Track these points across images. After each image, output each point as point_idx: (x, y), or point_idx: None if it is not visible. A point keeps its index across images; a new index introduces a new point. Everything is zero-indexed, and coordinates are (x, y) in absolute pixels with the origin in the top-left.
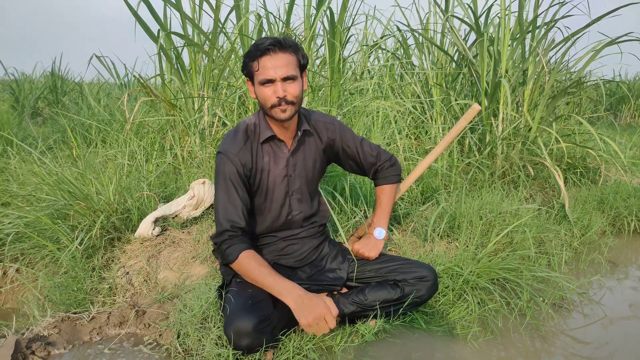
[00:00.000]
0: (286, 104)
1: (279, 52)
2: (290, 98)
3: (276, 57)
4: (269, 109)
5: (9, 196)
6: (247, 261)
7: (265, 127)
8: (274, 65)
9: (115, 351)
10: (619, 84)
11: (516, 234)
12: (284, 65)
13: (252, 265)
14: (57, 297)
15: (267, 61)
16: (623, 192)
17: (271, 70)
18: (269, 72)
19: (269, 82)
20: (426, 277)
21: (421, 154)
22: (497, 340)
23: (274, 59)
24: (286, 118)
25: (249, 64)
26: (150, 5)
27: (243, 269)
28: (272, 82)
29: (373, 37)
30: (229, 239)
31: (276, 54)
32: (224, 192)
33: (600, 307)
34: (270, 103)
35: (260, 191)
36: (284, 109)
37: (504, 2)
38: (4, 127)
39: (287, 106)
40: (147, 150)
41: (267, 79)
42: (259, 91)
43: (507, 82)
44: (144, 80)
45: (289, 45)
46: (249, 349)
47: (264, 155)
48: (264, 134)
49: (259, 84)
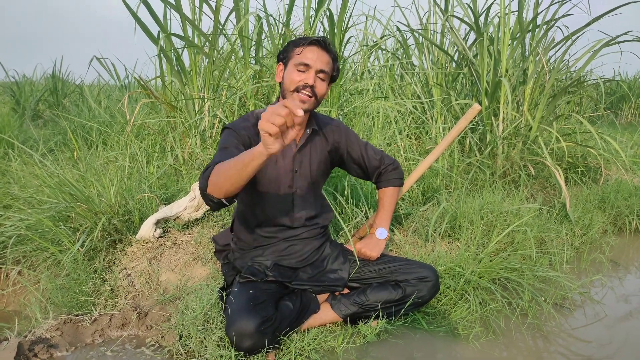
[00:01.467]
0: (310, 94)
1: (324, 50)
2: (317, 90)
3: (320, 52)
4: (290, 93)
5: (11, 199)
6: (220, 165)
7: None
8: (318, 57)
9: (118, 353)
10: (619, 82)
11: (517, 233)
12: (324, 61)
13: (224, 163)
14: (59, 299)
15: (313, 51)
16: (624, 191)
17: (312, 59)
18: (309, 59)
19: (305, 66)
20: (427, 278)
21: (422, 154)
22: (499, 340)
23: (318, 52)
24: (303, 109)
25: (291, 48)
26: (150, 7)
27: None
28: (307, 68)
29: (373, 37)
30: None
31: (322, 50)
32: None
33: (602, 307)
34: (294, 86)
35: (263, 180)
36: (304, 99)
37: (503, 1)
38: (5, 130)
39: (310, 98)
40: (148, 152)
41: (305, 63)
42: (290, 73)
43: (508, 81)
44: (144, 82)
45: (333, 52)
46: (251, 350)
47: None
48: None
49: (294, 65)
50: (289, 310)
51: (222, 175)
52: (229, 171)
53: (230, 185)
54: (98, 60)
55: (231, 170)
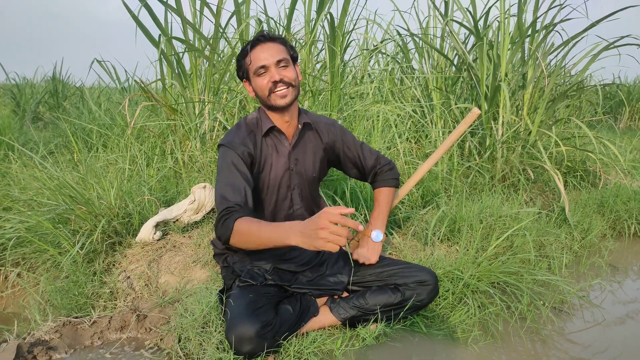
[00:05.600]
0: (284, 86)
1: (268, 42)
2: (288, 80)
3: (266, 47)
4: (268, 98)
5: (11, 201)
6: (242, 224)
7: (266, 120)
8: (266, 54)
9: (117, 355)
10: (618, 87)
11: (516, 237)
12: (275, 52)
13: (246, 226)
14: (59, 301)
15: (258, 52)
16: (623, 196)
17: (263, 58)
18: (261, 60)
19: (263, 68)
20: (427, 281)
21: (421, 157)
22: (498, 344)
23: (264, 48)
24: (287, 103)
25: (242, 63)
26: (151, 10)
27: (240, 233)
28: (266, 68)
29: (373, 41)
30: (225, 214)
31: (265, 43)
32: (223, 175)
33: (601, 311)
34: (267, 90)
35: (262, 184)
36: (283, 93)
37: (503, 5)
38: (5, 132)
39: (287, 90)
40: (148, 154)
41: (261, 65)
42: (256, 83)
43: (507, 85)
44: (144, 85)
45: (277, 37)
46: (251, 355)
47: (267, 147)
48: (265, 125)
49: (254, 75)
50: (289, 314)
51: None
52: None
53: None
54: (99, 63)
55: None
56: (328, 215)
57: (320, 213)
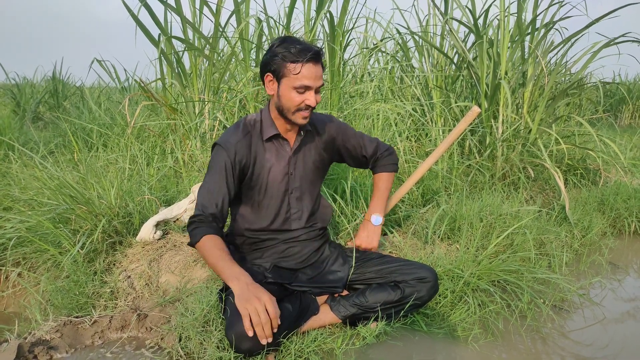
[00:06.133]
0: (311, 109)
1: (319, 63)
2: (315, 105)
3: (317, 68)
4: (292, 112)
5: (11, 200)
6: (206, 244)
7: (269, 125)
8: (315, 76)
9: (117, 355)
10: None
11: (517, 235)
12: (320, 77)
13: (209, 247)
14: (59, 301)
15: (311, 68)
16: (623, 194)
17: (312, 79)
18: (309, 80)
19: (305, 88)
20: (426, 278)
21: (421, 156)
22: (498, 342)
23: (316, 69)
24: (306, 124)
25: (285, 64)
26: (150, 9)
27: (201, 251)
28: (308, 89)
29: (373, 40)
30: (197, 222)
31: (317, 64)
32: (210, 178)
33: (601, 309)
34: (296, 107)
35: (260, 187)
36: (306, 115)
37: (502, 3)
38: (6, 132)
39: (309, 113)
40: (148, 154)
41: (306, 86)
42: (288, 93)
43: (507, 84)
44: (144, 84)
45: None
46: (250, 352)
47: (265, 151)
48: (267, 132)
49: (292, 87)
50: (289, 312)
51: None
52: (210, 264)
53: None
54: (99, 63)
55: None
56: (267, 302)
57: (265, 295)
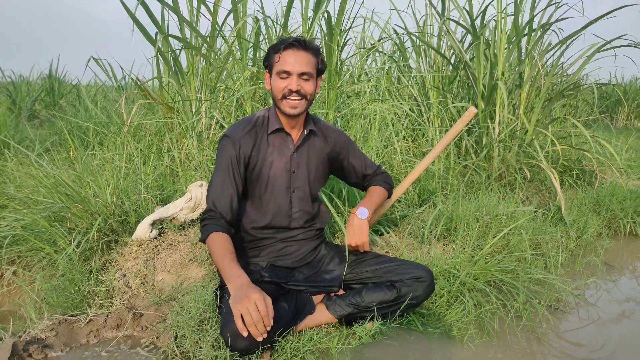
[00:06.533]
0: (298, 97)
1: (302, 50)
2: (304, 92)
3: (298, 54)
4: (280, 100)
5: (6, 199)
6: (214, 241)
7: (274, 120)
8: (296, 61)
9: (113, 354)
10: (614, 87)
11: (512, 236)
12: (304, 63)
13: (216, 245)
14: (54, 299)
15: (289, 55)
16: (619, 195)
17: (290, 64)
18: (287, 64)
19: (286, 73)
20: (422, 278)
21: (418, 156)
22: (494, 342)
23: (295, 55)
24: (296, 114)
25: (271, 55)
26: (148, 8)
27: (209, 247)
28: (289, 75)
29: (370, 39)
30: (208, 218)
31: (299, 50)
32: (220, 173)
33: (596, 309)
34: (281, 94)
35: (261, 181)
36: (294, 104)
37: (499, 4)
38: (1, 130)
39: (299, 102)
40: (145, 152)
41: (285, 70)
42: (274, 82)
43: (504, 84)
44: (141, 83)
45: (312, 47)
46: (246, 351)
47: (268, 145)
48: (272, 125)
49: (276, 74)
50: (284, 311)
51: (210, 253)
52: (212, 255)
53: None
54: (95, 61)
55: (215, 262)
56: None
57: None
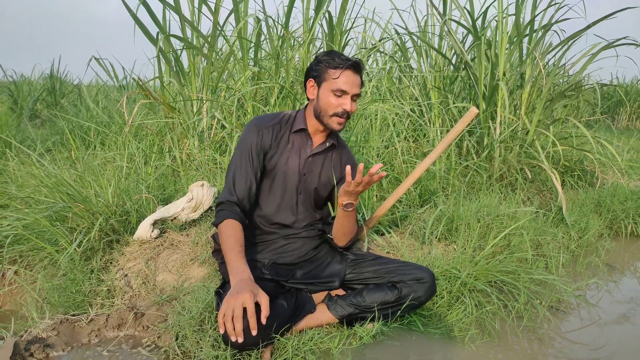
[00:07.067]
0: (347, 118)
1: (358, 73)
2: (351, 113)
3: (356, 76)
4: (328, 116)
5: (8, 198)
6: (226, 228)
7: (300, 120)
8: (353, 82)
9: (114, 353)
10: (616, 87)
11: (514, 236)
12: (358, 85)
13: (227, 233)
14: (56, 299)
15: (350, 76)
16: (620, 195)
17: (349, 85)
18: (347, 85)
19: (342, 92)
20: (424, 279)
21: (419, 156)
22: (495, 342)
23: (355, 77)
24: (340, 130)
25: (327, 70)
26: (149, 8)
27: (220, 233)
28: (344, 94)
29: (371, 40)
30: (225, 203)
31: (356, 73)
32: (238, 159)
33: (597, 310)
34: (332, 111)
35: (274, 174)
36: (341, 122)
37: (500, 4)
38: (3, 129)
39: (345, 120)
40: (146, 152)
41: (343, 90)
42: (327, 97)
43: (505, 85)
44: (142, 83)
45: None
46: (242, 347)
47: (288, 142)
48: (297, 125)
49: (331, 91)
50: (283, 308)
51: (220, 239)
52: (222, 242)
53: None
54: (97, 61)
55: (224, 251)
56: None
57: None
